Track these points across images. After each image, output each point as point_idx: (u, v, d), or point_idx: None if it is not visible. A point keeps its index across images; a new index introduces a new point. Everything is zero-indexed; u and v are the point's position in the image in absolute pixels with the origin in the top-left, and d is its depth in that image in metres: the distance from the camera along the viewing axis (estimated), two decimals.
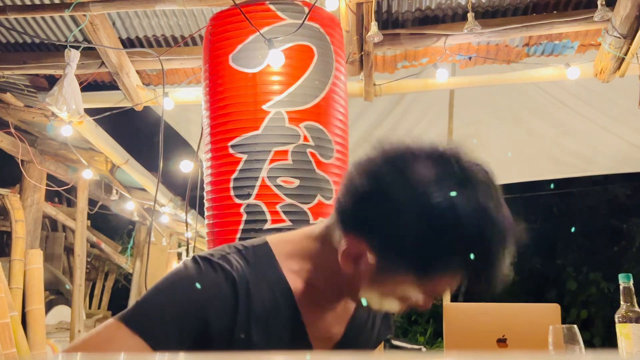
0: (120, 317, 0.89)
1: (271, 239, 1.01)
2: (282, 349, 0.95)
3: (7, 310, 3.53)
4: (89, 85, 3.34)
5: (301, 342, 0.98)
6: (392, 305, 0.93)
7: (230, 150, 2.07)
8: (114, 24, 3.13)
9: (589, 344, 8.83)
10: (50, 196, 5.59)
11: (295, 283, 0.97)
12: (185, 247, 5.97)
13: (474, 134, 4.47)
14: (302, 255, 0.98)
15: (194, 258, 0.94)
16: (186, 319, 0.88)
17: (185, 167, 3.72)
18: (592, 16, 2.66)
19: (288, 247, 0.99)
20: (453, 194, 0.82)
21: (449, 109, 4.17)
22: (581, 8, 2.95)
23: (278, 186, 2.01)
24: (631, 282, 1.49)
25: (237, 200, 2.04)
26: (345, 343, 1.05)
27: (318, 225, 0.99)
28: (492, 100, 4.18)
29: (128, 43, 3.34)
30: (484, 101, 4.20)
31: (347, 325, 1.06)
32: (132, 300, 6.11)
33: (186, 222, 3.60)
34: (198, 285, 0.90)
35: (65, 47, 2.87)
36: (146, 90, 3.44)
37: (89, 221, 5.81)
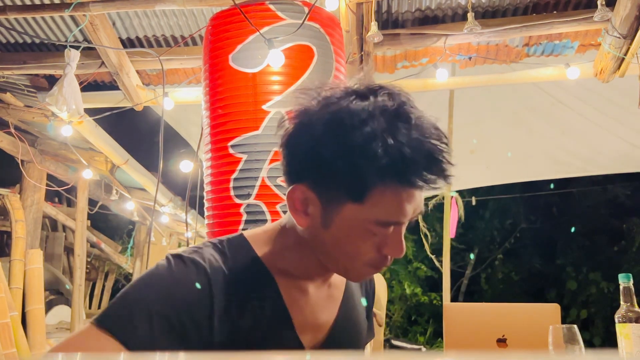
0: (94, 320, 0.89)
1: (246, 232, 1.03)
2: (266, 337, 0.95)
3: (7, 310, 3.53)
4: (89, 85, 3.34)
5: (285, 330, 0.97)
6: (358, 252, 0.92)
7: (230, 150, 2.07)
8: (114, 24, 3.13)
9: (589, 344, 8.83)
10: (50, 196, 5.59)
11: (275, 269, 0.98)
12: (186, 247, 5.97)
13: (474, 134, 4.48)
14: (277, 240, 1.00)
15: (166, 257, 0.95)
16: (156, 318, 0.87)
17: (185, 167, 3.72)
18: (592, 16, 2.66)
19: (263, 236, 1.01)
20: (352, 105, 0.88)
21: (449, 109, 4.18)
22: (581, 8, 2.95)
23: (278, 186, 2.01)
24: (631, 282, 1.49)
25: (237, 200, 2.04)
26: (336, 335, 1.04)
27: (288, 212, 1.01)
28: (492, 100, 4.19)
29: (128, 43, 3.34)
30: (484, 101, 4.20)
31: (336, 316, 1.05)
32: None
33: (186, 222, 3.60)
34: (167, 283, 0.91)
35: (65, 47, 2.87)
36: (146, 90, 3.44)
37: (89, 221, 5.81)
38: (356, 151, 0.85)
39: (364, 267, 0.94)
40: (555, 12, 3.00)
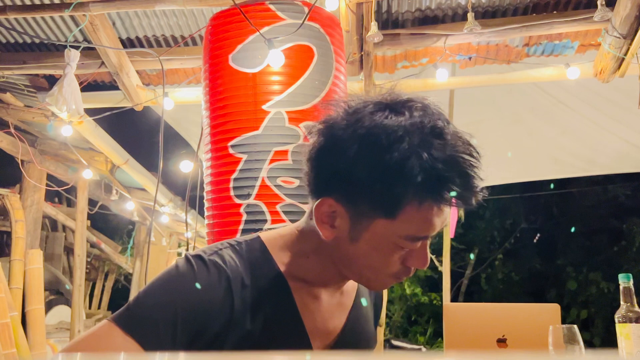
0: (113, 318, 0.89)
1: (263, 234, 1.02)
2: (280, 343, 0.95)
3: (7, 310, 3.53)
4: (89, 85, 3.34)
5: (298, 335, 0.98)
6: (384, 265, 0.92)
7: (230, 150, 2.07)
8: (114, 24, 3.13)
9: (589, 344, 8.83)
10: (50, 196, 5.58)
11: (290, 274, 0.98)
12: (185, 247, 5.97)
13: (474, 134, 4.47)
14: (294, 246, 0.99)
15: (186, 257, 0.94)
16: (179, 320, 0.87)
17: (185, 167, 3.72)
18: (592, 16, 2.66)
19: (280, 241, 1.00)
20: (387, 121, 0.86)
21: (449, 109, 4.18)
22: (581, 8, 2.95)
23: (278, 186, 2.01)
24: (631, 282, 1.49)
25: (237, 200, 2.04)
26: (343, 342, 1.05)
27: (305, 216, 1.01)
28: (492, 100, 4.19)
29: (128, 43, 3.34)
30: (484, 101, 4.20)
31: (345, 323, 1.06)
32: None
33: (186, 222, 3.60)
34: (191, 285, 0.90)
35: (65, 47, 2.87)
36: (146, 90, 3.44)
37: (89, 221, 5.81)
38: (391, 168, 0.84)
39: (387, 278, 0.95)
40: (555, 12, 3.00)
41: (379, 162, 0.85)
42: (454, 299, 10.40)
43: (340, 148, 0.88)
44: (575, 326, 1.31)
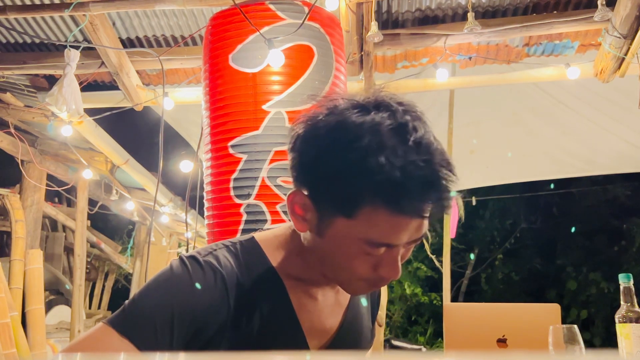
0: (108, 320, 0.89)
1: (257, 234, 1.02)
2: (276, 342, 0.95)
3: (7, 310, 3.53)
4: (89, 85, 3.34)
5: (295, 334, 0.98)
6: (351, 267, 0.90)
7: (230, 150, 2.07)
8: (114, 24, 3.13)
9: (589, 344, 8.83)
10: (50, 196, 5.58)
11: (285, 274, 0.98)
12: (185, 247, 5.97)
13: (474, 134, 4.48)
14: (287, 245, 0.99)
15: (180, 258, 0.94)
16: (175, 322, 0.87)
17: (185, 167, 3.72)
18: (592, 16, 2.66)
19: (274, 241, 1.00)
20: (352, 118, 0.85)
21: (449, 109, 4.18)
22: (581, 8, 2.95)
23: (278, 186, 2.01)
24: (631, 282, 1.49)
25: (237, 200, 2.04)
26: (340, 340, 1.05)
27: None
28: (492, 100, 4.19)
29: (128, 43, 3.34)
30: (484, 101, 4.20)
31: (341, 321, 1.06)
32: None
33: (186, 222, 3.60)
34: (186, 287, 0.90)
35: (65, 47, 2.87)
36: (146, 90, 3.44)
37: (89, 221, 5.81)
38: (348, 166, 0.83)
39: (359, 282, 0.93)
40: (555, 12, 3.00)
41: (339, 159, 0.85)
42: (454, 299, 10.41)
43: (310, 141, 0.90)
44: (575, 326, 1.31)
